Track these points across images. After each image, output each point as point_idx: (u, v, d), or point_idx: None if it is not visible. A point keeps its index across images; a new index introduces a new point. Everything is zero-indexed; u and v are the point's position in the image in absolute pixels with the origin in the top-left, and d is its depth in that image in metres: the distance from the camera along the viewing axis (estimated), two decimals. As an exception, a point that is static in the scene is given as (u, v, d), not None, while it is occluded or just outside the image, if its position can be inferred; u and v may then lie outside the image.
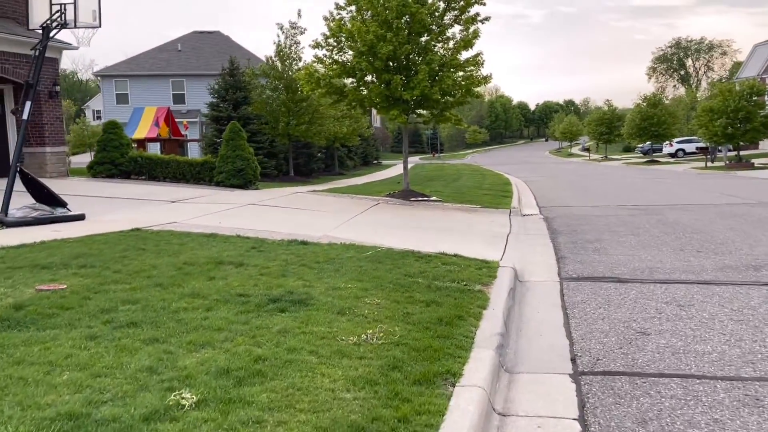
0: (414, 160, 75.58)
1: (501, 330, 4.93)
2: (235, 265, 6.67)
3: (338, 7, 15.01)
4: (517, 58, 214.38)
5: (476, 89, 15.43)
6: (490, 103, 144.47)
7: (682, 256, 8.75)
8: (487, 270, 7.19)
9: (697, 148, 50.87)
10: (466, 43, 14.54)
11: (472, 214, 14.09)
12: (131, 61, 43.81)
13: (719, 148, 37.88)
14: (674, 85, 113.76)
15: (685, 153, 54.68)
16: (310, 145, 29.78)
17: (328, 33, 14.56)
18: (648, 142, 56.59)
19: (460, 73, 15.10)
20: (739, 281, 7.05)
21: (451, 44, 14.92)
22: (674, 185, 24.03)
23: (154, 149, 32.54)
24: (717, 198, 17.94)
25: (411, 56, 14.48)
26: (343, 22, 14.36)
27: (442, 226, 11.79)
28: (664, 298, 6.37)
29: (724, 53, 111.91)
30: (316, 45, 14.79)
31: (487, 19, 15.39)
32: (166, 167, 17.75)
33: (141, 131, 29.18)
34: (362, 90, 15.05)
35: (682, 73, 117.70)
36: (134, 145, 30.68)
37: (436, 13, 14.96)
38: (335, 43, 14.66)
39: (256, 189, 17.20)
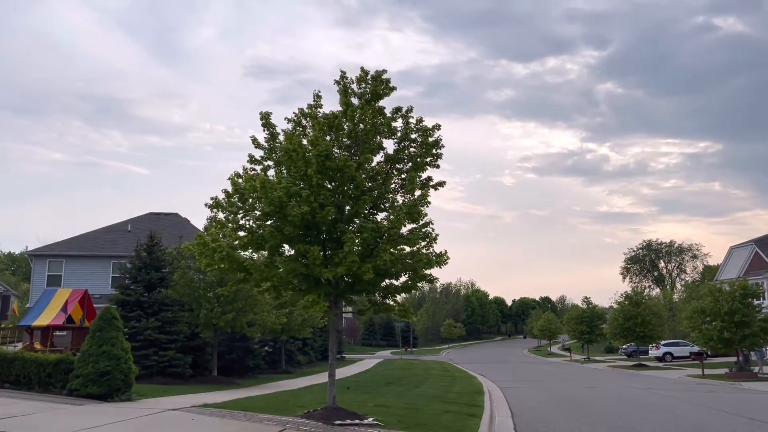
0: (384, 354, 70.27)
1: None
2: None
3: (252, 160, 11.67)
4: (492, 255, 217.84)
5: (427, 271, 11.60)
6: (466, 297, 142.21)
7: None
8: None
9: (690, 353, 46.80)
10: (411, 210, 10.98)
11: (418, 452, 9.39)
12: (71, 241, 40.21)
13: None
14: (649, 286, 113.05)
15: (674, 357, 50.60)
16: (247, 337, 25.22)
17: (230, 190, 11.00)
18: (632, 344, 52.58)
19: (406, 249, 11.36)
20: None
21: (399, 211, 11.34)
22: (681, 401, 19.49)
23: (64, 339, 27.63)
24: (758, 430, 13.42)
25: (338, 224, 10.80)
26: (252, 177, 10.85)
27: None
28: None
29: (695, 256, 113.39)
30: (215, 205, 11.15)
31: (440, 184, 12.10)
32: (9, 368, 13.03)
33: (45, 318, 24.56)
34: (277, 266, 11.09)
35: (656, 274, 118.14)
36: (36, 332, 25.93)
37: (379, 177, 11.61)
38: (240, 203, 11.04)
39: (127, 400, 12.41)
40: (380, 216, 11.84)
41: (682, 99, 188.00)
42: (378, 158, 12.03)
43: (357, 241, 10.47)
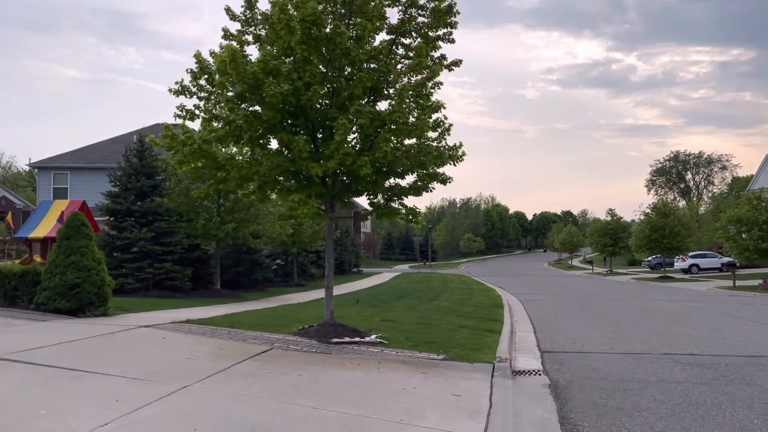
0: (402, 268, 69.84)
1: None
2: None
3: (227, 35, 9.64)
4: (513, 169, 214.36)
5: (438, 168, 9.77)
6: (486, 212, 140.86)
7: None
8: None
9: (722, 265, 45.08)
10: (418, 92, 9.01)
11: (423, 377, 7.93)
12: (76, 153, 38.84)
13: None
14: (674, 198, 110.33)
15: (700, 269, 49.01)
16: (254, 249, 23.95)
17: (196, 69, 9.09)
18: (655, 256, 50.99)
19: (412, 142, 9.49)
20: None
21: (403, 92, 9.33)
22: (717, 314, 17.94)
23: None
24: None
25: (329, 109, 8.90)
26: (221, 54, 8.87)
27: (330, 428, 5.65)
28: None
29: (724, 168, 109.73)
30: (182, 90, 9.27)
31: (456, 63, 10.04)
32: (-28, 280, 11.79)
33: (42, 229, 23.42)
34: (259, 161, 9.29)
35: (682, 186, 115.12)
36: (36, 244, 24.95)
37: (381, 56, 9.54)
38: (210, 87, 9.17)
39: (102, 316, 11.13)
40: (382, 106, 9.91)
41: (715, 3, 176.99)
42: (380, 37, 9.98)
43: (353, 128, 8.61)
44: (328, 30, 8.51)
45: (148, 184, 19.20)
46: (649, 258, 56.28)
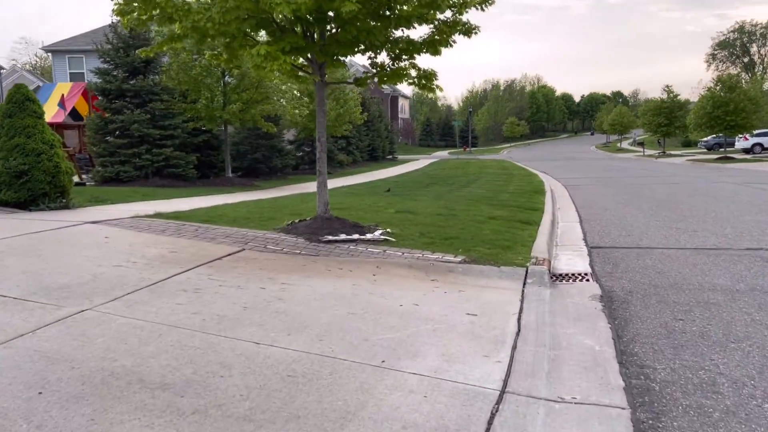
0: (441, 154, 67.48)
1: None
2: None
3: None
4: (560, 50, 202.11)
5: (460, 15, 7.26)
6: (531, 94, 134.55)
7: None
8: None
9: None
10: None
11: (431, 288, 6.00)
12: (89, 35, 36.53)
13: None
14: (737, 73, 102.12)
15: (764, 148, 45.33)
16: (272, 134, 21.92)
17: None
18: (714, 135, 47.00)
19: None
20: None
21: None
22: (799, 198, 15.36)
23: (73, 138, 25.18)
24: None
25: None
26: None
27: (264, 384, 3.78)
28: None
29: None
30: None
31: None
32: None
33: (43, 115, 21.87)
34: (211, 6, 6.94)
35: (746, 60, 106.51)
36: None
37: None
38: None
39: (61, 208, 9.42)
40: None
41: None
42: None
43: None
44: None
45: (140, 60, 16.99)
46: (707, 138, 52.24)
